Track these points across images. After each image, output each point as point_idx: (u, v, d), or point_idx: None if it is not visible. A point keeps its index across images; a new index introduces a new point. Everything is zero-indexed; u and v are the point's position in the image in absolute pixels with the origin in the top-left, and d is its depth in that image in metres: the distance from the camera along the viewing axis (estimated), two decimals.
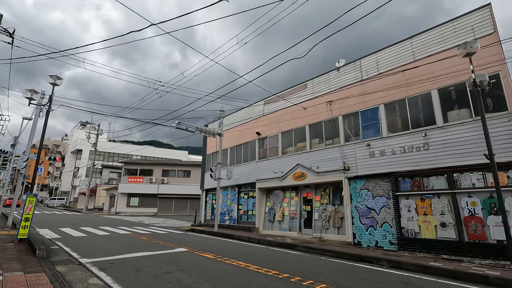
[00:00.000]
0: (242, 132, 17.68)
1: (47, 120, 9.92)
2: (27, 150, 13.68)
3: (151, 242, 10.15)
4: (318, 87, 13.84)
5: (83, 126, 37.29)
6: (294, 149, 14.37)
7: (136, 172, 34.52)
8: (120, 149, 54.63)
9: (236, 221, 16.95)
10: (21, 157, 13.33)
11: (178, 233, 14.12)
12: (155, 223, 20.36)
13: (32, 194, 9.37)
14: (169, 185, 34.28)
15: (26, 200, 9.21)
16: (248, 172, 16.71)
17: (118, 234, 12.47)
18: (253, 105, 17.44)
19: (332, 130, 12.76)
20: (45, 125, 9.83)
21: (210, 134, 16.29)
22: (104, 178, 42.13)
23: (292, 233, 13.62)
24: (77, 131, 56.30)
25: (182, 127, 14.70)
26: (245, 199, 16.88)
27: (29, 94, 9.93)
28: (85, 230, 13.66)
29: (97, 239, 10.74)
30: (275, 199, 15.24)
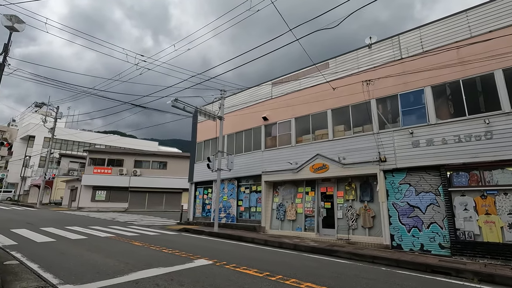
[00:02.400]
0: (244, 117, 15.39)
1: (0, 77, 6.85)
2: None
3: (153, 251, 7.62)
4: (343, 67, 12.05)
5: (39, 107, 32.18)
6: (312, 137, 12.48)
7: (103, 162, 30.38)
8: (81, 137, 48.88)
9: (236, 219, 14.71)
10: None
11: (172, 235, 11.55)
12: (132, 221, 17.33)
13: None
14: (142, 177, 30.72)
15: None
16: (251, 163, 14.52)
17: (98, 237, 9.62)
18: (258, 86, 15.22)
19: (362, 115, 11.08)
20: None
21: (210, 117, 13.78)
22: (63, 169, 36.96)
23: (308, 234, 11.78)
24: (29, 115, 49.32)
25: (179, 105, 12.06)
26: (246, 194, 14.69)
27: None
28: (49, 232, 10.53)
29: (72, 246, 7.91)
30: (285, 194, 13.28)
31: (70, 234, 10.08)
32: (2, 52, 7.01)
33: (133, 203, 30.08)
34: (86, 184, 29.13)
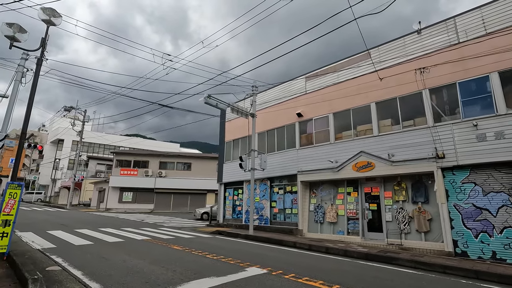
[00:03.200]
0: (275, 114, 14.68)
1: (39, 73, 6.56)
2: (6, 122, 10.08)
3: (197, 256, 7.04)
4: (387, 56, 11.05)
5: (68, 111, 33.09)
6: (354, 133, 11.56)
7: (129, 164, 30.69)
8: (105, 140, 50.03)
9: (269, 221, 13.99)
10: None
11: (207, 238, 11.01)
12: (161, 223, 17.06)
13: (15, 183, 6.03)
14: (167, 178, 30.73)
15: (6, 192, 5.87)
16: (284, 162, 13.77)
17: (135, 240, 9.23)
18: (290, 82, 14.46)
19: (413, 107, 10.05)
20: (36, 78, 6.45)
21: (242, 114, 13.18)
22: (90, 171, 37.84)
23: (352, 238, 10.86)
24: (58, 119, 51.17)
25: (212, 102, 11.54)
26: (280, 195, 13.95)
27: (10, 31, 6.48)
28: (84, 234, 10.29)
29: (111, 249, 7.50)
30: (323, 195, 12.41)
31: (106, 236, 9.75)
32: (39, 46, 6.73)
33: (159, 205, 30.13)
34: (114, 186, 29.51)
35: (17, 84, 11.00)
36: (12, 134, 60.89)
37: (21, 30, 6.57)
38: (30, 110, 6.25)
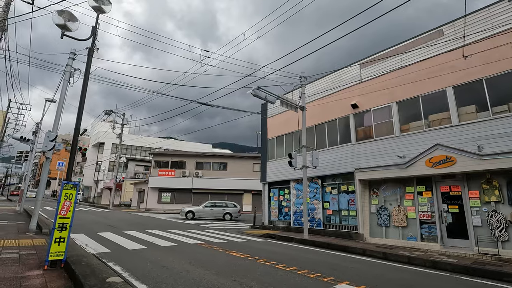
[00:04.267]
0: (325, 107, 13.44)
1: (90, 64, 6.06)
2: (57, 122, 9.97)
3: (268, 267, 6.12)
4: (467, 31, 9.38)
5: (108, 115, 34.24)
6: (425, 123, 10.01)
7: (167, 165, 30.97)
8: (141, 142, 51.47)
9: (322, 224, 12.78)
10: (47, 134, 9.63)
11: (261, 242, 10.11)
12: (204, 224, 16.55)
13: (71, 183, 5.51)
14: (204, 179, 30.55)
15: (62, 193, 5.35)
16: (338, 159, 12.50)
17: (187, 244, 8.55)
18: (342, 70, 13.14)
19: (506, 90, 8.34)
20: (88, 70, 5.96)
21: (292, 107, 12.13)
22: (130, 172, 38.99)
23: (428, 245, 9.34)
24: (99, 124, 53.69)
25: (261, 94, 10.62)
26: (333, 195, 12.69)
27: (61, 19, 6.06)
28: (134, 236, 9.86)
29: (168, 256, 6.83)
30: (387, 195, 10.97)
31: (157, 240, 9.21)
32: (90, 35, 6.26)
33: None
34: (153, 186, 29.90)
35: (66, 84, 10.93)
36: (57, 139, 65.03)
37: (71, 18, 6.13)
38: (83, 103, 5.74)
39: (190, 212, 20.72)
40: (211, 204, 21.35)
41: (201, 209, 21.00)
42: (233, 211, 20.68)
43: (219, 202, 22.05)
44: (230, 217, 20.48)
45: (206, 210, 20.85)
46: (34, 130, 24.81)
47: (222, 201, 22.92)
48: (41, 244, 7.36)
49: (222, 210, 20.79)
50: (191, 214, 20.63)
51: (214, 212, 20.72)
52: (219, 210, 20.75)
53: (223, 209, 20.87)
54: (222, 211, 20.72)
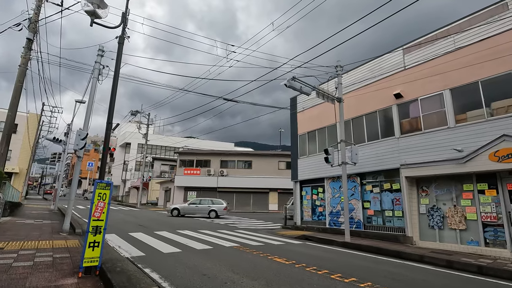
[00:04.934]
0: (362, 98, 12.40)
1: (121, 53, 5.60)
2: (87, 121, 9.74)
3: (319, 276, 5.37)
4: None
5: (134, 115, 34.82)
6: (487, 112, 8.76)
7: (192, 164, 30.93)
8: (165, 141, 52.16)
9: (362, 225, 11.79)
10: (78, 133, 9.42)
11: (299, 245, 9.35)
12: (233, 224, 16.03)
13: (104, 182, 5.04)
14: (229, 177, 30.20)
15: (95, 193, 4.89)
16: (379, 155, 11.44)
17: (223, 247, 7.97)
18: (381, 58, 12.03)
19: None
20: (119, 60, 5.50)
21: (328, 98, 11.23)
22: (156, 171, 39.56)
23: (494, 251, 8.13)
24: (125, 125, 55.17)
25: (296, 85, 9.83)
26: (375, 194, 11.65)
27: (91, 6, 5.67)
28: (165, 237, 9.46)
29: (206, 261, 6.26)
30: (439, 194, 9.80)
31: (190, 242, 8.71)
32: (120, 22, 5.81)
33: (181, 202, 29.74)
34: (179, 185, 29.97)
35: (95, 81, 10.73)
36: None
37: (101, 4, 5.72)
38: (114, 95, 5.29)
39: (176, 209, 20.61)
40: (197, 201, 21.27)
41: (186, 206, 20.92)
42: (218, 209, 20.35)
43: (204, 199, 21.87)
44: (215, 215, 20.18)
45: (192, 207, 20.71)
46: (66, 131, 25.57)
47: (208, 198, 22.59)
48: (74, 246, 7.06)
49: (208, 207, 20.44)
50: (176, 211, 20.47)
51: (199, 209, 20.50)
52: (204, 208, 20.45)
53: (208, 206, 20.51)
54: (208, 208, 20.37)
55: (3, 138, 12.94)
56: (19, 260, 5.35)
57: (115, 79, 5.45)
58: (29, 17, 14.06)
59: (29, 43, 13.94)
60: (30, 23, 13.96)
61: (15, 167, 30.72)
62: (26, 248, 6.48)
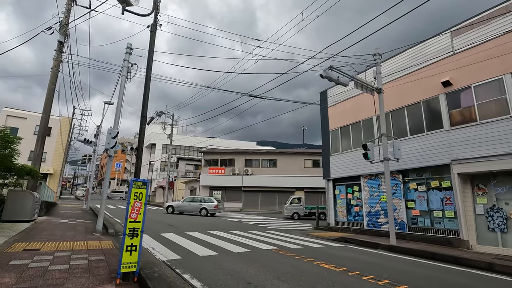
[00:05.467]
0: (403, 89, 11.39)
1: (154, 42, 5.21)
2: (117, 119, 9.60)
3: None
4: None
5: (159, 116, 35.37)
6: None
7: (216, 163, 30.83)
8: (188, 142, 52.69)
9: (406, 226, 10.82)
10: (109, 131, 9.27)
11: (340, 248, 8.63)
12: (262, 224, 15.51)
13: (140, 181, 4.66)
14: (254, 176, 29.76)
15: (131, 192, 4.52)
16: (425, 149, 10.42)
17: (261, 250, 7.44)
18: (425, 43, 10.96)
19: None
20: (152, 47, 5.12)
21: (367, 89, 10.37)
22: (180, 171, 39.99)
23: None
24: (150, 126, 56.48)
25: (333, 75, 9.08)
26: (420, 193, 10.64)
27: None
28: (198, 238, 9.10)
29: (245, 265, 5.76)
30: (500, 193, 8.67)
31: (225, 243, 8.27)
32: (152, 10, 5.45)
33: (247, 203, 29.37)
34: (204, 185, 29.96)
35: (124, 80, 10.59)
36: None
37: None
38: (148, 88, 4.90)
39: (170, 207, 21.37)
40: (189, 200, 21.77)
41: (180, 204, 21.51)
42: (208, 207, 20.50)
43: (197, 197, 22.51)
44: (206, 212, 20.33)
45: (185, 204, 21.15)
46: (95, 133, 26.29)
47: (200, 196, 23.41)
48: (108, 247, 6.82)
49: (199, 205, 20.62)
50: (171, 209, 21.22)
51: (191, 207, 20.83)
52: (196, 205, 20.69)
53: (199, 204, 20.71)
54: (199, 206, 20.57)
55: (38, 139, 13.25)
56: (55, 263, 5.11)
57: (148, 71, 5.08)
58: (59, 20, 14.36)
59: (60, 45, 14.24)
60: (61, 26, 14.25)
61: (50, 168, 32.13)
62: (62, 249, 6.30)
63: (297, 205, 21.39)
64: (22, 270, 4.50)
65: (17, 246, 6.31)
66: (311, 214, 20.83)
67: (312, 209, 20.98)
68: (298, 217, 21.00)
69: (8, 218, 10.21)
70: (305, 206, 21.39)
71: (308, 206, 21.66)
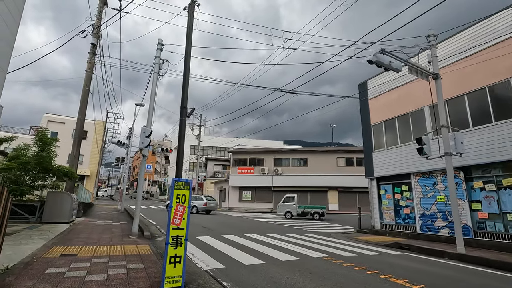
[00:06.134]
0: (461, 74, 9.98)
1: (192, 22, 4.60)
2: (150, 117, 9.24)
3: None
4: None
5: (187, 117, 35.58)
6: None
7: (245, 163, 30.31)
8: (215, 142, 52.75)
9: (472, 231, 9.41)
10: (143, 130, 8.91)
11: (399, 256, 7.54)
12: (299, 226, 14.61)
13: (182, 181, 4.03)
14: (284, 176, 28.85)
15: (173, 194, 3.90)
16: (493, 142, 8.98)
17: (311, 258, 6.61)
18: (488, 20, 9.48)
19: None
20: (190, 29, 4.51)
21: (422, 75, 9.13)
22: (209, 171, 40.05)
23: None
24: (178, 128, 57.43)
25: (385, 60, 8.00)
26: (488, 192, 9.19)
27: None
28: (237, 243, 8.45)
29: (299, 278, 5.00)
30: None
31: (268, 249, 7.53)
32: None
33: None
34: (233, 185, 29.57)
35: (156, 77, 10.23)
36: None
37: None
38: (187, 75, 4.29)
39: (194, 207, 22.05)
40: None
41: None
42: (198, 204, 21.66)
43: (194, 195, 23.93)
44: (197, 210, 21.44)
45: None
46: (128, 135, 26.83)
47: (193, 195, 24.30)
48: (146, 253, 6.34)
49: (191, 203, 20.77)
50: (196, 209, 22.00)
51: None
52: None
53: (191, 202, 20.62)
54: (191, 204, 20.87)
55: (74, 141, 13.40)
56: (92, 271, 4.65)
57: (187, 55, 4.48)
58: (92, 23, 14.50)
59: (93, 48, 14.36)
60: (94, 28, 14.36)
61: (87, 170, 33.45)
62: (99, 255, 5.90)
63: (290, 204, 20.75)
64: (58, 281, 4.05)
65: (55, 251, 6.01)
66: (304, 214, 20.35)
67: (305, 208, 20.57)
68: (291, 216, 20.50)
69: (48, 220, 10.25)
70: (298, 206, 20.66)
71: (302, 206, 21.00)
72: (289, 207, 20.62)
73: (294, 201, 20.54)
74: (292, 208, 20.44)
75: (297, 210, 20.26)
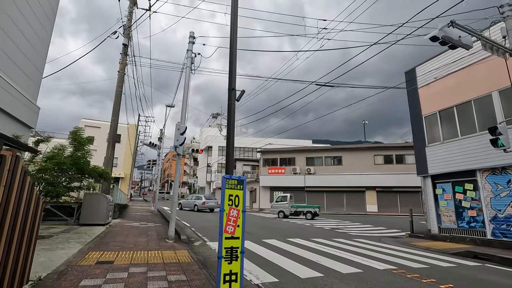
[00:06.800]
0: None
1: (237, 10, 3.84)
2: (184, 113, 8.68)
3: None
4: None
5: (215, 117, 35.52)
6: None
7: (276, 162, 29.40)
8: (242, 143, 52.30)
9: None
10: (177, 127, 8.37)
11: (477, 268, 6.26)
12: (341, 229, 13.44)
13: (235, 178, 3.25)
14: (316, 175, 27.54)
15: (224, 195, 3.12)
16: None
17: (376, 271, 5.58)
18: None
19: None
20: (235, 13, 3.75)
21: (498, 52, 7.70)
22: (238, 172, 39.63)
23: None
24: (206, 129, 57.94)
25: (454, 34, 6.73)
26: None
27: None
28: (282, 249, 7.61)
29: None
30: None
31: (320, 258, 6.60)
32: None
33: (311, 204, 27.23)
34: (264, 185, 28.79)
35: (188, 71, 9.69)
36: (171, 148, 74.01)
37: None
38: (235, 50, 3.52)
39: (180, 204, 24.23)
40: (189, 197, 26.50)
41: (184, 201, 25.62)
42: (198, 203, 23.30)
43: (192, 195, 27.29)
44: (197, 208, 23.01)
45: (185, 201, 25.43)
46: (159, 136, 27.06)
47: (196, 195, 27.92)
48: (186, 261, 5.69)
49: (193, 202, 24.16)
50: (180, 206, 24.33)
51: (189, 204, 24.48)
52: (190, 202, 24.46)
53: (193, 201, 24.21)
54: (193, 202, 24.08)
55: (109, 142, 13.38)
56: (130, 285, 4.03)
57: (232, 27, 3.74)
58: (123, 24, 14.43)
59: (125, 48, 14.28)
60: (124, 29, 14.28)
61: (121, 172, 34.41)
62: (136, 262, 5.34)
63: (283, 203, 20.50)
64: None
65: (91, 257, 5.55)
66: (297, 213, 19.92)
67: (298, 208, 20.19)
68: (284, 216, 20.19)
69: (85, 222, 10.08)
70: (291, 205, 20.17)
71: (294, 205, 20.49)
72: (281, 207, 20.55)
73: (287, 200, 20.47)
74: (285, 207, 20.32)
75: (289, 210, 20.06)
